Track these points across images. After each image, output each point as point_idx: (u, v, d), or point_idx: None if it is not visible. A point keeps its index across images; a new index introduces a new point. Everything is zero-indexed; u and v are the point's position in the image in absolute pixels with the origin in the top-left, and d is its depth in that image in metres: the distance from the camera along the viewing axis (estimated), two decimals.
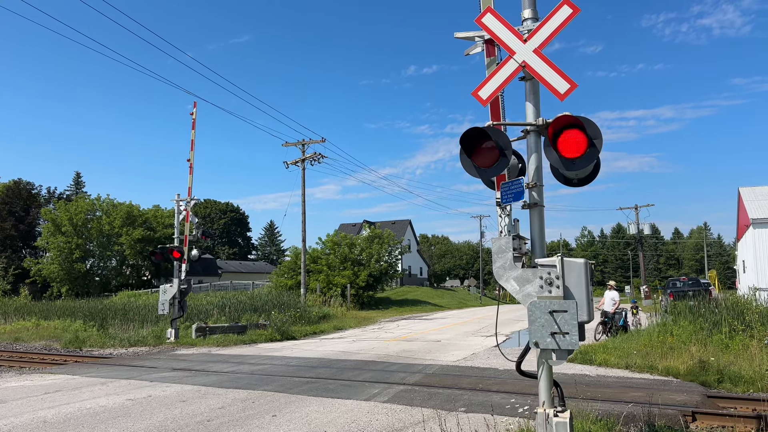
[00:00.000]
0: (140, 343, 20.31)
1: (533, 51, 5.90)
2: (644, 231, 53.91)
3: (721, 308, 16.49)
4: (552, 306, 5.26)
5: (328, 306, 36.15)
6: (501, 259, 5.78)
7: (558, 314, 5.21)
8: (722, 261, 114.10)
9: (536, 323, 5.27)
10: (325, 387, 10.62)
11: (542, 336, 5.25)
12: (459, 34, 6.54)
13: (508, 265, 5.73)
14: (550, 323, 5.23)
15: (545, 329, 5.22)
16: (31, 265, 57.04)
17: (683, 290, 31.70)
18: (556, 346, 5.18)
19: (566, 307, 5.25)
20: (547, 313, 5.23)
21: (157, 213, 63.74)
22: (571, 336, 5.18)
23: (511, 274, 5.69)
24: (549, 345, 5.22)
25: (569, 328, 5.18)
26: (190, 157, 21.46)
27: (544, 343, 5.23)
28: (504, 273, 5.72)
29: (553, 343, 5.18)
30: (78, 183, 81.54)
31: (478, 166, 5.96)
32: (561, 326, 5.19)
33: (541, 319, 5.26)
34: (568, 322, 5.21)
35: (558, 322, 5.22)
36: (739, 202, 40.66)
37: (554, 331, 5.19)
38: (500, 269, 5.74)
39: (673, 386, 10.54)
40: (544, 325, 5.24)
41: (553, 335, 5.18)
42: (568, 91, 5.74)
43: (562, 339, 5.18)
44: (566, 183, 6.47)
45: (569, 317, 5.23)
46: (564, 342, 5.19)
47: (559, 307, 5.25)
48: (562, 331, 5.19)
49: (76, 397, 9.97)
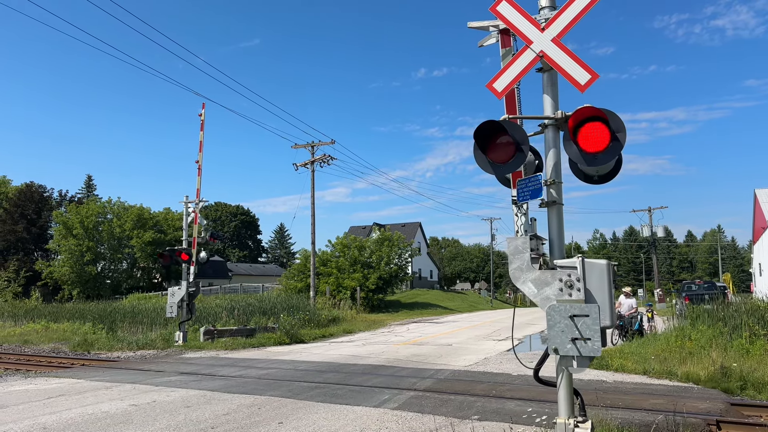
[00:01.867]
0: (148, 346, 20.13)
1: (551, 40, 5.58)
2: (658, 233, 53.25)
3: (740, 312, 16.01)
4: (572, 310, 4.93)
5: (337, 309, 35.86)
6: (518, 260, 5.45)
7: (579, 319, 4.88)
8: (736, 264, 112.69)
9: (555, 328, 4.93)
10: (333, 393, 10.32)
11: (562, 342, 4.91)
12: (472, 24, 6.24)
13: (525, 266, 5.41)
14: (570, 328, 4.90)
15: (565, 335, 4.89)
16: (42, 267, 57.22)
17: (699, 293, 31.13)
18: (576, 352, 4.85)
19: (588, 311, 4.92)
20: (568, 317, 4.90)
21: (168, 215, 63.79)
22: (593, 342, 4.84)
23: (528, 276, 5.36)
24: (569, 351, 4.88)
25: (591, 334, 4.85)
26: (199, 159, 21.30)
27: (564, 349, 4.90)
28: (521, 275, 5.39)
29: (573, 349, 4.84)
30: (89, 186, 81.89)
31: (493, 161, 5.65)
32: (582, 331, 4.86)
33: (561, 324, 4.93)
34: (590, 327, 4.88)
35: (579, 327, 4.89)
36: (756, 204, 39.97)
37: (575, 336, 4.86)
38: (517, 271, 5.41)
39: (695, 393, 10.16)
40: (564, 331, 4.91)
41: (574, 341, 4.85)
42: (588, 82, 5.42)
43: (584, 345, 4.85)
44: (586, 180, 6.14)
45: (591, 322, 4.90)
46: (585, 348, 4.86)
47: (580, 311, 4.92)
48: (583, 336, 4.86)
49: (78, 402, 9.73)
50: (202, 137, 21.49)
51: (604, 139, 5.21)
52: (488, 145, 5.64)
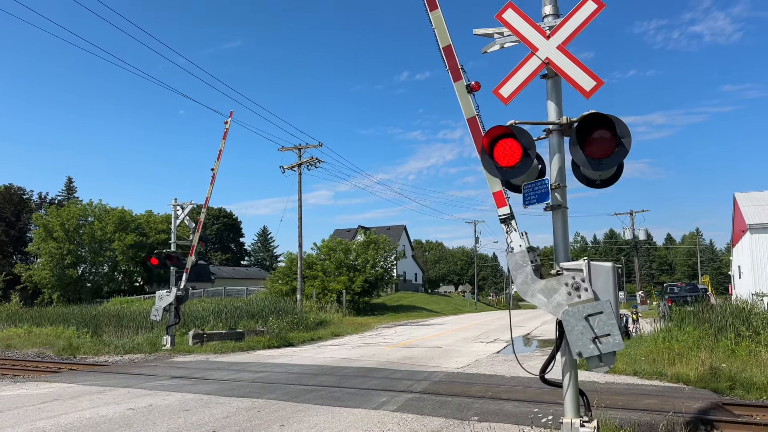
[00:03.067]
0: (136, 350, 19.94)
1: (557, 47, 5.72)
2: (639, 236, 53.98)
3: (725, 314, 16.33)
4: (586, 310, 5.04)
5: (324, 312, 35.82)
6: (521, 275, 5.54)
7: (594, 317, 5.00)
8: (714, 266, 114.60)
9: (574, 332, 5.03)
10: (331, 395, 10.35)
11: (584, 344, 5.01)
12: (478, 31, 6.33)
13: (529, 279, 5.51)
14: (588, 329, 5.01)
15: (585, 336, 5.00)
16: (21, 271, 56.36)
17: (681, 295, 31.61)
18: (598, 351, 4.94)
19: (600, 308, 5.04)
20: (583, 318, 5.02)
21: (150, 218, 63.22)
22: (613, 336, 4.96)
23: (535, 288, 5.46)
24: (593, 352, 4.98)
25: (609, 328, 4.97)
26: (215, 167, 20.75)
27: (587, 351, 4.99)
28: (528, 288, 5.47)
29: (595, 349, 4.95)
30: (70, 188, 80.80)
31: (500, 165, 5.76)
32: (600, 329, 4.98)
33: (579, 327, 5.03)
34: (606, 322, 5.01)
35: (596, 326, 5.00)
36: (735, 208, 40.70)
37: (594, 335, 4.97)
38: (523, 285, 5.50)
39: (686, 393, 10.35)
40: (583, 332, 5.01)
41: (595, 340, 4.95)
42: (594, 89, 5.56)
43: (606, 341, 4.97)
44: (588, 184, 6.28)
45: (606, 318, 5.02)
46: (607, 344, 4.97)
47: (593, 309, 5.04)
48: (602, 334, 4.97)
49: (74, 406, 9.65)
50: (223, 146, 20.90)
51: (610, 144, 5.35)
52: (495, 149, 5.75)
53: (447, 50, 6.15)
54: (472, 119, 6.02)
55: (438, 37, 6.18)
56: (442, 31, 6.18)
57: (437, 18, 6.20)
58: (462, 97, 6.05)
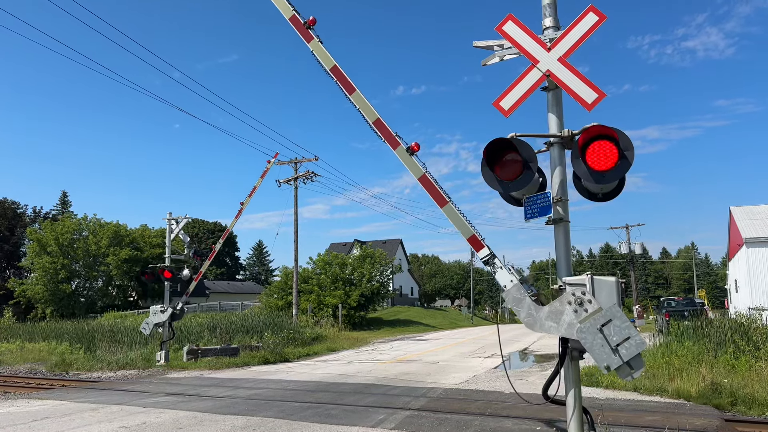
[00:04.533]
0: (129, 366, 19.69)
1: (558, 60, 5.67)
2: (635, 251, 53.92)
3: (725, 328, 16.24)
4: (598, 322, 4.94)
5: (320, 327, 35.55)
6: (523, 309, 5.43)
7: (608, 326, 4.90)
8: (710, 280, 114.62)
9: (595, 347, 4.91)
10: (327, 413, 10.17)
11: (608, 356, 4.90)
12: (478, 43, 6.29)
13: (533, 310, 5.40)
14: (607, 338, 4.90)
15: (605, 348, 4.89)
16: (15, 285, 55.85)
17: (678, 310, 31.50)
18: (624, 359, 4.82)
19: (611, 315, 4.95)
20: (598, 331, 4.91)
21: (145, 233, 62.86)
22: (633, 337, 4.87)
23: (541, 316, 5.34)
24: (619, 361, 4.87)
25: (626, 332, 4.88)
26: (245, 202, 20.63)
27: (614, 362, 4.89)
28: (534, 320, 5.35)
29: (620, 358, 4.83)
30: (64, 202, 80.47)
31: (500, 179, 5.68)
32: (618, 335, 4.89)
33: (597, 341, 4.93)
34: (622, 327, 4.92)
35: (613, 334, 4.90)
36: (731, 222, 40.77)
37: (614, 344, 4.86)
38: (528, 318, 5.38)
39: (687, 410, 10.22)
40: (603, 345, 4.90)
41: (616, 349, 4.83)
42: (596, 101, 5.51)
43: (627, 346, 4.88)
44: (590, 198, 6.21)
45: (619, 322, 4.93)
46: (630, 348, 4.88)
47: (604, 318, 4.95)
48: (621, 340, 4.86)
49: (66, 424, 9.44)
50: (259, 184, 20.96)
51: (612, 157, 5.28)
52: (496, 162, 5.68)
53: (377, 124, 6.31)
54: (422, 178, 6.12)
55: (365, 115, 6.33)
56: (367, 108, 6.37)
57: (358, 98, 6.49)
58: (405, 160, 6.15)
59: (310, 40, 6.74)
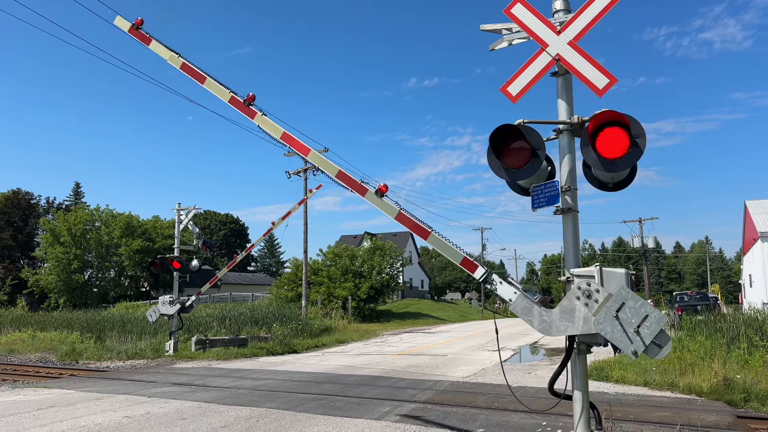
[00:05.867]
0: (138, 355, 19.76)
1: (568, 43, 5.48)
2: (648, 245, 53.41)
3: (738, 323, 15.96)
4: (612, 308, 4.79)
5: (329, 318, 35.53)
6: (535, 317, 5.29)
7: (622, 310, 4.75)
8: (724, 275, 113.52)
9: (617, 335, 4.78)
10: (332, 404, 10.08)
11: (632, 341, 4.76)
12: (485, 27, 6.10)
13: (544, 315, 5.24)
14: (625, 323, 4.75)
15: (627, 333, 4.73)
16: (28, 275, 56.39)
17: (691, 304, 31.16)
18: (647, 340, 4.67)
19: (622, 298, 4.80)
20: (614, 318, 4.76)
21: (157, 223, 63.15)
22: (651, 315, 4.73)
23: (554, 319, 5.17)
24: (640, 345, 4.71)
25: (643, 310, 4.73)
26: (276, 223, 20.56)
27: (639, 346, 4.75)
28: (548, 325, 5.19)
29: (642, 340, 4.68)
30: (77, 193, 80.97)
31: (507, 167, 5.51)
32: (635, 317, 4.75)
33: (616, 327, 4.78)
34: (636, 307, 4.79)
35: (630, 317, 4.74)
36: (746, 216, 40.21)
37: (634, 327, 4.70)
38: (542, 324, 5.23)
39: (699, 405, 10.02)
40: (623, 329, 4.74)
41: (638, 331, 4.67)
42: (607, 86, 5.31)
43: (648, 324, 4.71)
44: (600, 187, 6.02)
45: (633, 302, 4.81)
46: (651, 326, 4.72)
47: (617, 303, 4.80)
48: (640, 320, 4.71)
49: (70, 413, 9.42)
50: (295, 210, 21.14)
51: (623, 144, 5.08)
52: (503, 150, 5.51)
53: (340, 176, 6.37)
54: (398, 216, 6.09)
55: (326, 171, 6.45)
56: (327, 164, 6.48)
57: (315, 157, 6.76)
58: (377, 203, 6.11)
59: (254, 116, 6.84)
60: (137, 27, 7.50)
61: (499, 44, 6.24)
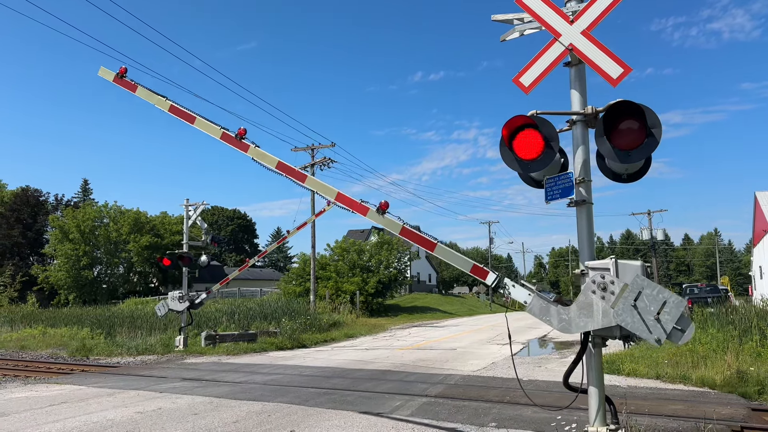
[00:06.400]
0: (148, 351, 19.82)
1: (581, 33, 5.40)
2: (657, 237, 53.13)
3: (750, 315, 15.83)
4: (630, 298, 4.74)
5: (337, 313, 35.58)
6: (553, 317, 5.25)
7: (640, 299, 4.69)
8: (733, 267, 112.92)
9: (637, 325, 4.72)
10: (343, 399, 10.07)
11: (654, 328, 4.71)
12: (496, 17, 6.02)
13: (562, 313, 5.19)
14: (644, 311, 4.69)
15: (648, 321, 4.68)
16: (38, 272, 56.70)
17: (701, 297, 30.96)
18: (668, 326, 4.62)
19: (638, 287, 4.74)
20: (632, 308, 4.71)
21: (165, 219, 63.31)
22: (669, 300, 4.67)
23: (572, 316, 5.12)
24: (662, 332, 4.67)
25: (662, 295, 4.68)
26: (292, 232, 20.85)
27: (661, 333, 4.69)
28: (568, 323, 5.14)
29: (663, 327, 4.63)
30: (85, 190, 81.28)
31: (520, 158, 5.44)
32: (654, 304, 4.71)
33: (636, 318, 4.72)
34: (653, 294, 4.74)
35: (649, 305, 4.69)
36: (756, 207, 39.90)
37: (654, 314, 4.64)
38: (561, 323, 5.18)
39: (712, 398, 9.94)
40: (643, 317, 4.69)
41: (658, 317, 4.61)
42: (621, 76, 5.23)
43: (668, 310, 4.66)
44: (614, 178, 5.95)
45: (650, 289, 4.78)
46: (671, 312, 4.67)
47: (634, 292, 4.75)
48: (659, 306, 4.66)
49: (82, 409, 9.46)
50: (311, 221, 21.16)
51: (639, 135, 5.02)
52: (515, 141, 5.44)
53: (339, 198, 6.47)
54: (402, 231, 6.16)
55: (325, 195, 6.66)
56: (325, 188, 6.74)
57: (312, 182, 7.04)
58: (380, 221, 6.16)
59: (248, 149, 6.93)
60: (121, 76, 7.59)
61: (510, 35, 6.17)
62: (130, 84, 7.62)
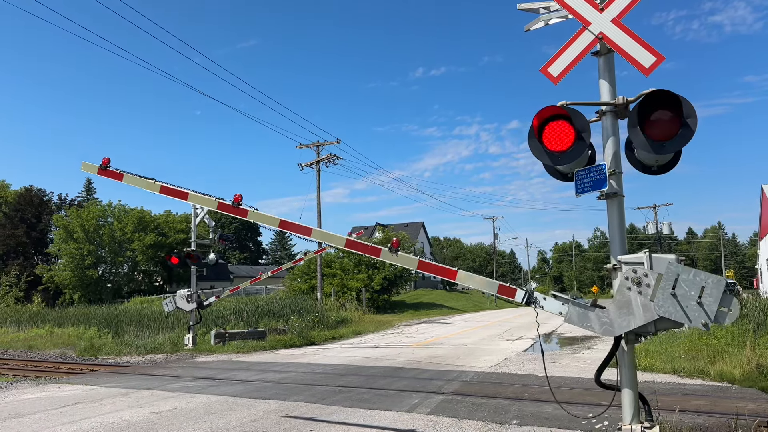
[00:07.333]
0: (157, 350, 19.75)
1: (611, 21, 5.25)
2: (663, 230, 52.85)
3: (765, 308, 15.70)
4: (668, 287, 4.61)
5: (344, 310, 35.51)
6: (594, 322, 5.04)
7: (679, 286, 4.55)
8: (738, 261, 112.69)
9: (680, 312, 4.57)
10: (360, 397, 9.96)
11: (698, 314, 4.57)
12: (522, 6, 5.88)
13: (602, 316, 5.00)
14: (684, 297, 4.56)
15: (691, 307, 4.54)
16: (43, 272, 56.71)
17: None
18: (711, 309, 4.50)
19: (673, 274, 4.61)
20: (672, 296, 4.56)
21: (169, 218, 63.30)
22: (708, 282, 4.52)
23: (613, 318, 4.92)
24: (705, 316, 4.54)
25: (699, 278, 4.55)
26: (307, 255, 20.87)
27: (705, 317, 4.55)
28: (610, 326, 4.95)
29: (705, 311, 4.50)
30: (89, 189, 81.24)
31: (549, 150, 5.30)
32: (693, 289, 4.57)
33: (677, 306, 4.58)
34: (690, 279, 4.60)
35: (689, 291, 4.56)
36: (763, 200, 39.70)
37: (696, 299, 4.53)
38: (603, 326, 4.98)
39: (734, 393, 9.82)
40: (686, 306, 4.55)
41: (699, 302, 4.50)
42: (654, 65, 5.09)
43: (708, 292, 4.52)
44: (643, 170, 5.81)
45: (686, 275, 4.60)
46: (712, 293, 4.52)
47: (670, 280, 4.61)
48: (698, 291, 4.54)
49: (96, 410, 9.36)
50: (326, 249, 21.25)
51: (674, 125, 4.88)
52: (544, 133, 5.30)
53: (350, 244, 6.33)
54: (420, 265, 6.05)
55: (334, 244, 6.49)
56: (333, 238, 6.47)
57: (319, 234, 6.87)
58: (394, 260, 6.06)
59: (247, 215, 6.85)
60: (105, 167, 7.29)
61: (535, 24, 6.03)
62: (116, 173, 7.31)
